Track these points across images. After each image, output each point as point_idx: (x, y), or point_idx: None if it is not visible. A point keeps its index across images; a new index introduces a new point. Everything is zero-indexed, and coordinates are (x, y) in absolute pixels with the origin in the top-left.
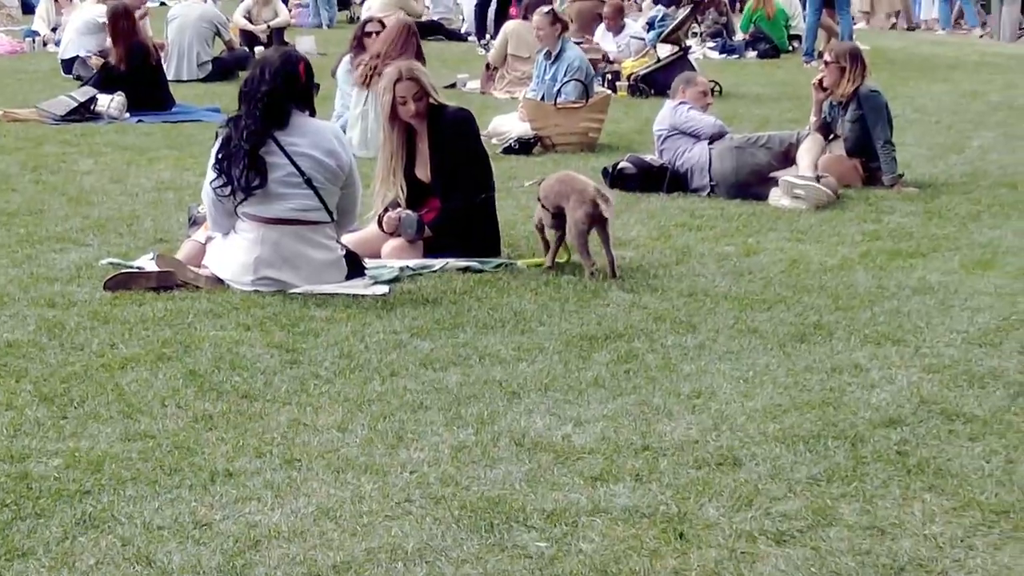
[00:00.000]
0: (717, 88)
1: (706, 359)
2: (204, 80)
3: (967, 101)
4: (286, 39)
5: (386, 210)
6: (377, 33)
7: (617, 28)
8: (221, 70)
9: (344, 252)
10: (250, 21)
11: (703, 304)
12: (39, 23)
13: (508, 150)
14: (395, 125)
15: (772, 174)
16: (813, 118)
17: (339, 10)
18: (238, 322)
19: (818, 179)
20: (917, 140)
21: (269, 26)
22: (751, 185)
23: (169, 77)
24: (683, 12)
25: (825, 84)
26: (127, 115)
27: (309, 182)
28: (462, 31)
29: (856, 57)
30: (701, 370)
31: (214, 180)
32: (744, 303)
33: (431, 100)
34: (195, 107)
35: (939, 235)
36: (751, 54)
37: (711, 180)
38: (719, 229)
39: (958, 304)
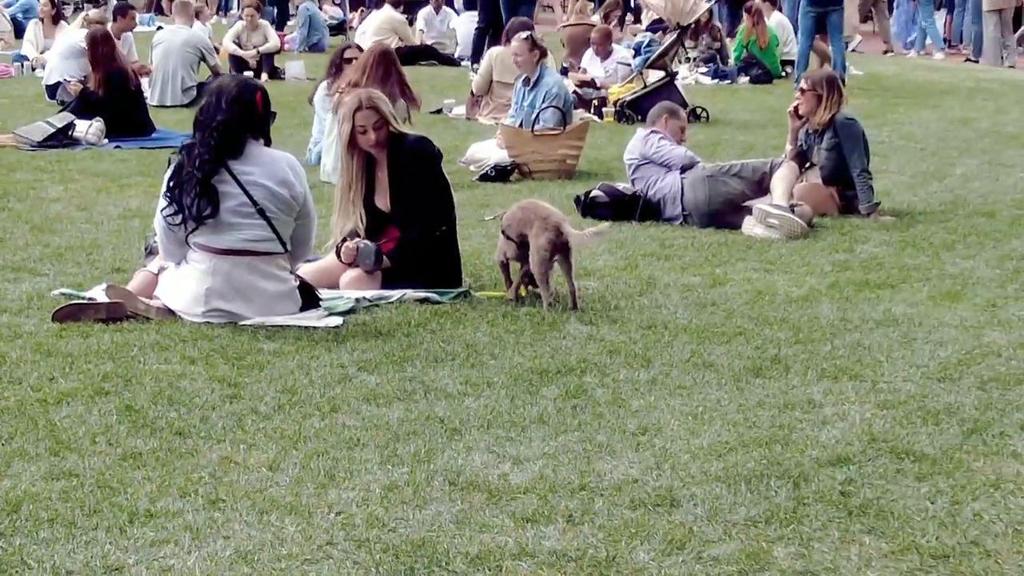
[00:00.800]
0: (704, 114)
1: (657, 394)
2: (189, 105)
3: (955, 128)
4: (276, 64)
5: (344, 240)
6: (356, 59)
7: (605, 53)
8: None
9: (298, 283)
10: (239, 46)
11: (661, 337)
12: (28, 47)
13: (484, 177)
14: (354, 154)
15: (746, 203)
16: (789, 146)
17: (333, 35)
18: (183, 355)
19: (792, 208)
20: (900, 167)
21: (258, 51)
22: (724, 214)
23: (153, 102)
24: (670, 38)
25: (801, 112)
26: (105, 141)
27: (262, 212)
28: (455, 55)
29: (833, 85)
30: (650, 406)
31: (165, 208)
32: (703, 336)
33: (391, 128)
34: (175, 132)
35: (910, 265)
36: (743, 79)
37: (683, 209)
38: (687, 259)
39: (921, 337)
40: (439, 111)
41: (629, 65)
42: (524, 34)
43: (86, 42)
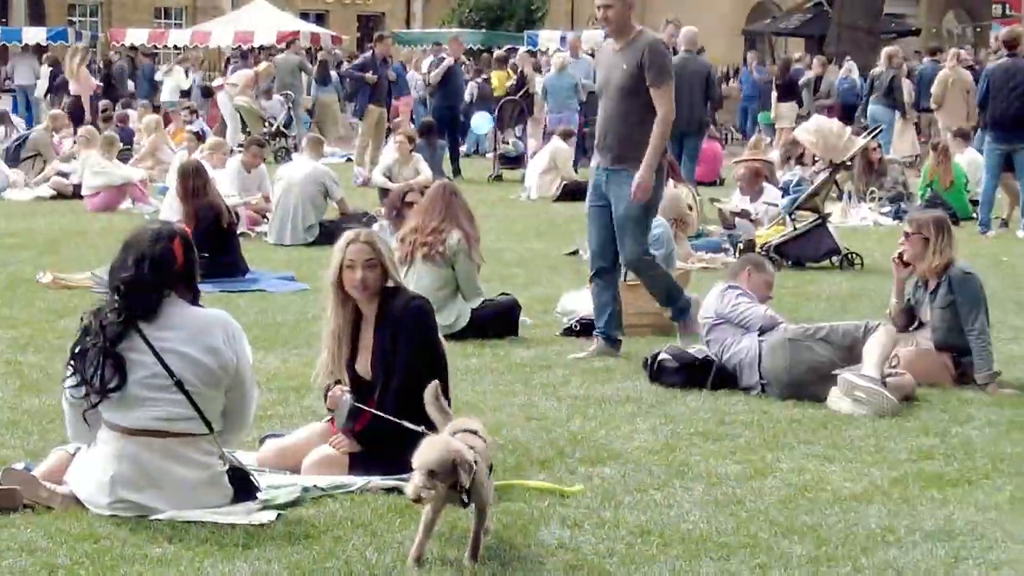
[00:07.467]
0: (859, 261)
1: None
2: (310, 244)
3: None
4: None
5: (337, 382)
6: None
7: (753, 193)
8: (331, 234)
9: (228, 468)
10: (389, 179)
11: (648, 548)
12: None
13: (568, 331)
14: (342, 298)
15: (834, 371)
16: (893, 300)
17: None
18: (46, 563)
19: (885, 380)
20: None
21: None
22: (808, 384)
23: (271, 240)
24: (821, 176)
25: (905, 258)
26: None
27: (180, 385)
28: None
29: (941, 227)
30: None
31: (67, 379)
32: (699, 548)
33: (388, 280)
34: (268, 274)
35: (1007, 455)
36: None
37: (761, 378)
38: (742, 440)
39: (974, 557)
40: (575, 252)
41: (776, 206)
42: None
43: (176, 175)
